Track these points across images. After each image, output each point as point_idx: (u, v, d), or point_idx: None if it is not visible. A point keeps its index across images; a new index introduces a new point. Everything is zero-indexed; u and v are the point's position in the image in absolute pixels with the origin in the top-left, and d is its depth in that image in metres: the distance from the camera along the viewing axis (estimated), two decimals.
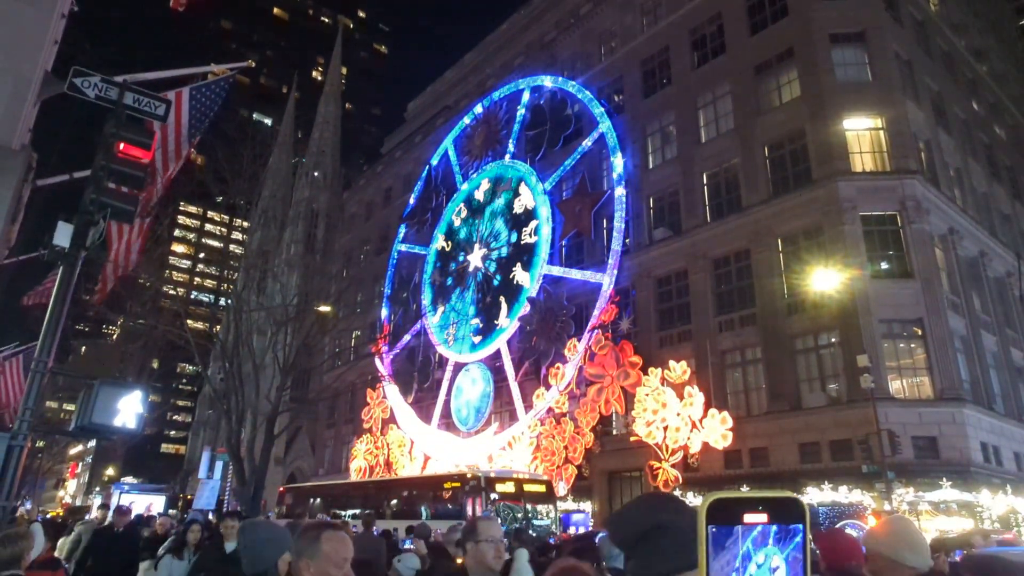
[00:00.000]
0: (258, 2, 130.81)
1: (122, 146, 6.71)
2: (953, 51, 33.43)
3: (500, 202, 38.99)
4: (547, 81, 38.38)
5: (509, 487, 22.54)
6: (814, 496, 22.24)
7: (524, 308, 34.15)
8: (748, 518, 1.04)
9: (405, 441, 40.21)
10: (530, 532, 17.71)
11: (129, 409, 5.90)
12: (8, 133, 8.21)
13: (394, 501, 27.25)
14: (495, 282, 37.43)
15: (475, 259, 39.27)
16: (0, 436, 5.47)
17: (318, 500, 32.63)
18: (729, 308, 27.85)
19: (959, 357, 24.10)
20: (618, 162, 32.60)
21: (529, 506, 22.26)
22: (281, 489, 36.80)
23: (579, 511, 28.49)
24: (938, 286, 24.17)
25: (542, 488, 23.63)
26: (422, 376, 41.23)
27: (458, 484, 23.38)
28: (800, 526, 1.05)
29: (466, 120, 44.13)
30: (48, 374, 6.27)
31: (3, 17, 8.48)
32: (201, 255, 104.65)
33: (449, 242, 42.54)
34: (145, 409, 6.10)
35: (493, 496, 21.76)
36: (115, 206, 6.50)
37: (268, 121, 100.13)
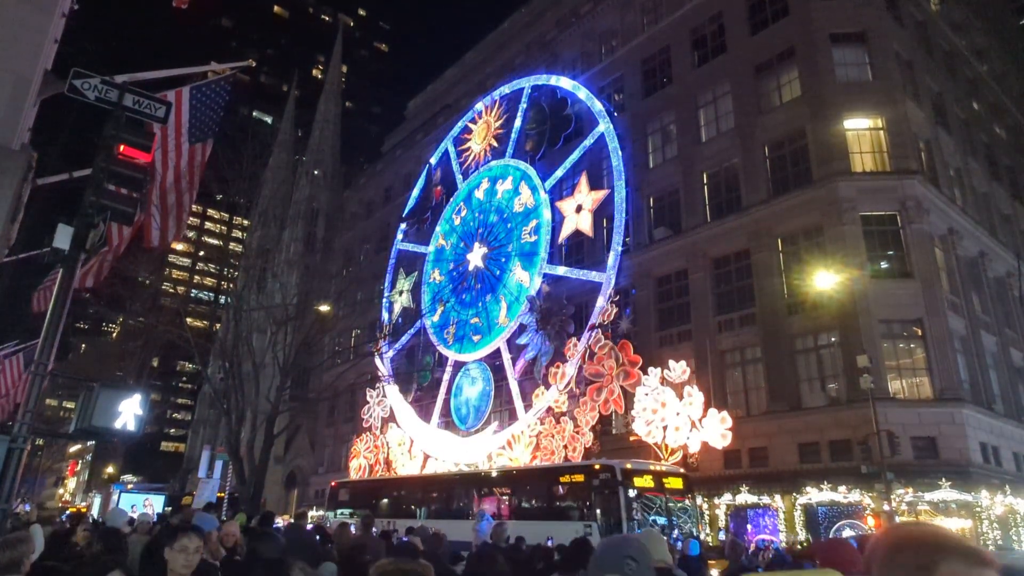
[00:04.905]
0: (258, 0, 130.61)
1: (122, 148, 6.71)
2: (954, 51, 33.40)
3: (500, 201, 38.97)
4: (548, 80, 38.35)
5: (648, 481, 19.35)
6: (813, 496, 22.27)
7: (524, 307, 34.16)
8: None
9: (405, 440, 40.21)
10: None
11: (129, 411, 5.90)
12: (8, 133, 8.19)
13: (490, 498, 23.84)
14: (495, 281, 37.42)
15: (475, 258, 39.25)
16: (0, 439, 5.48)
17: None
18: (729, 308, 27.85)
19: (959, 357, 24.12)
20: (618, 161, 32.57)
21: (671, 505, 19.41)
22: (333, 484, 34.54)
23: None
24: (938, 286, 24.18)
25: (679, 483, 20.56)
26: (422, 375, 41.25)
27: (582, 477, 20.33)
28: None
29: (466, 119, 44.11)
30: (48, 376, 6.27)
31: (3, 17, 8.46)
32: (201, 253, 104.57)
33: (449, 241, 42.53)
34: (145, 411, 6.10)
35: (631, 493, 18.61)
36: (115, 208, 6.50)
37: (268, 119, 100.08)
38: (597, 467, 20.05)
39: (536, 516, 21.14)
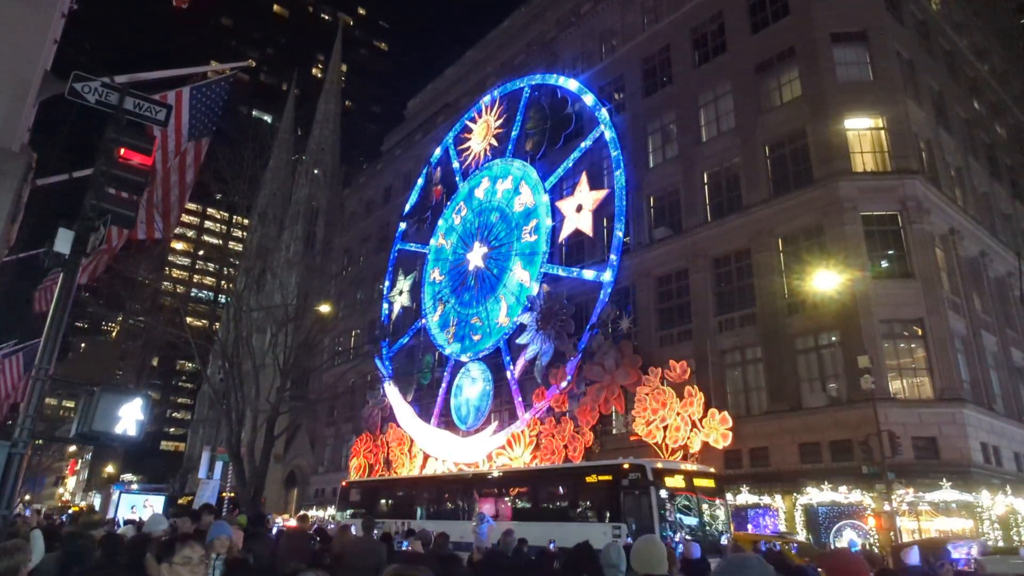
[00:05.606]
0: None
1: (123, 151, 6.67)
2: (954, 50, 33.35)
3: (500, 200, 38.94)
4: (548, 79, 38.30)
5: (679, 481, 18.47)
6: (814, 496, 22.25)
7: (524, 307, 34.11)
8: None
9: (405, 439, 40.21)
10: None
11: (130, 416, 5.87)
12: (8, 135, 8.16)
13: (508, 499, 23.12)
14: (495, 281, 37.39)
15: (475, 257, 39.22)
16: (0, 444, 5.45)
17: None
18: (729, 308, 27.81)
19: (959, 357, 24.08)
20: (618, 161, 32.52)
21: (704, 506, 18.52)
22: (344, 483, 34.20)
23: None
24: (938, 286, 24.15)
25: (711, 482, 19.70)
26: (422, 375, 41.23)
27: (609, 477, 19.49)
28: None
29: (466, 118, 44.05)
30: (49, 380, 6.23)
31: (3, 17, 8.41)
32: (200, 252, 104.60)
33: (449, 240, 42.49)
34: (146, 416, 6.06)
35: (662, 493, 17.79)
36: (116, 211, 6.46)
37: (268, 118, 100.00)
38: (626, 466, 19.06)
39: (559, 518, 20.42)
